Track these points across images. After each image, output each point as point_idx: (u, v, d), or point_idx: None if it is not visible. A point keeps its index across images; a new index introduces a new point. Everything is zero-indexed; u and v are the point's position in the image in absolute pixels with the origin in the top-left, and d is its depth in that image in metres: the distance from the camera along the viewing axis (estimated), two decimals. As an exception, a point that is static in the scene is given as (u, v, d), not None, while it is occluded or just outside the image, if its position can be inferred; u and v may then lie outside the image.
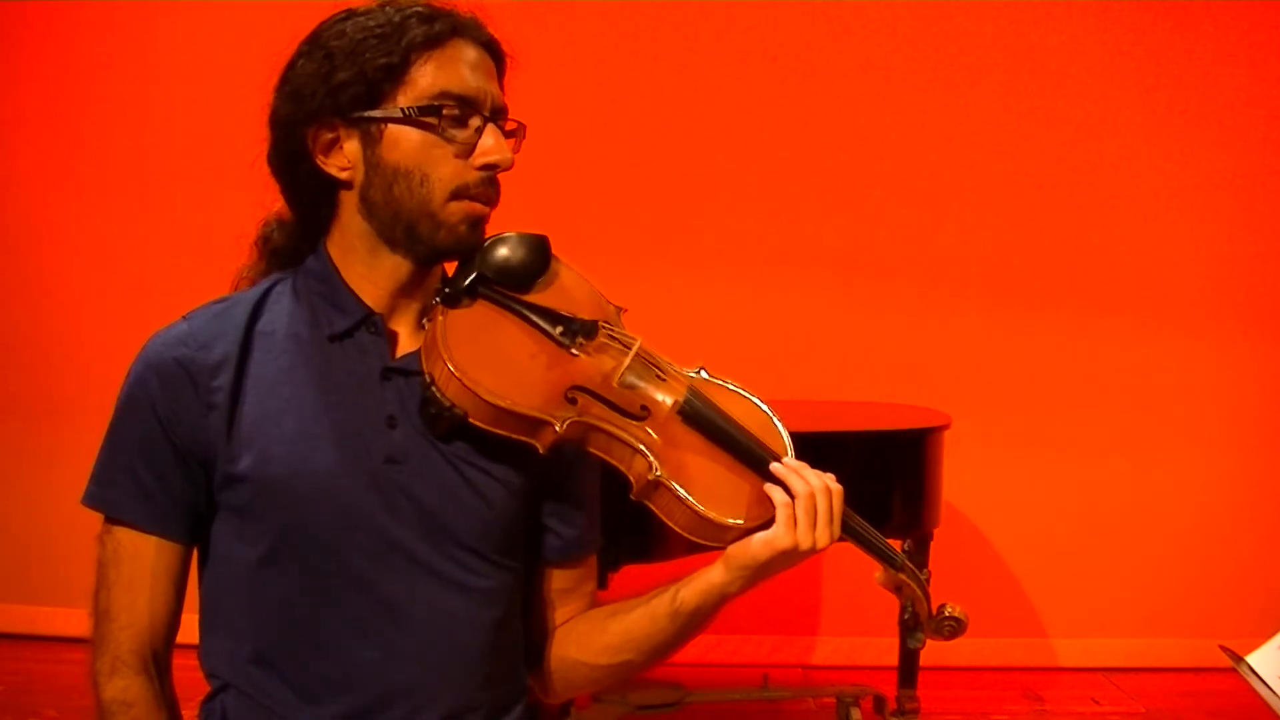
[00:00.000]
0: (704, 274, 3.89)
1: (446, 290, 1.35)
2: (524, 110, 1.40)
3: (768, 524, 1.34)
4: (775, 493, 1.33)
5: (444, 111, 1.33)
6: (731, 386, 1.42)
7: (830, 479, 1.35)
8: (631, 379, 1.37)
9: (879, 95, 3.92)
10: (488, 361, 1.31)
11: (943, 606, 1.48)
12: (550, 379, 1.33)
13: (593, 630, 1.47)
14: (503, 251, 1.37)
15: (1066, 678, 3.91)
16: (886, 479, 3.00)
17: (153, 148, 3.93)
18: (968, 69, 3.92)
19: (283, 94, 1.37)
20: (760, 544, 1.33)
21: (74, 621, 1.36)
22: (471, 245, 1.37)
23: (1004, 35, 3.92)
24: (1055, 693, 3.80)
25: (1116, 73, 3.92)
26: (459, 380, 1.30)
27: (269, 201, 1.47)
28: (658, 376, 1.38)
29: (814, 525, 1.33)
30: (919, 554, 3.15)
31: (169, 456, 1.35)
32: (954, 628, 1.47)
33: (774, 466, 1.35)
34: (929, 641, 1.51)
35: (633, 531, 2.18)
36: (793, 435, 1.39)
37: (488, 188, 1.36)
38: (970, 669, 3.89)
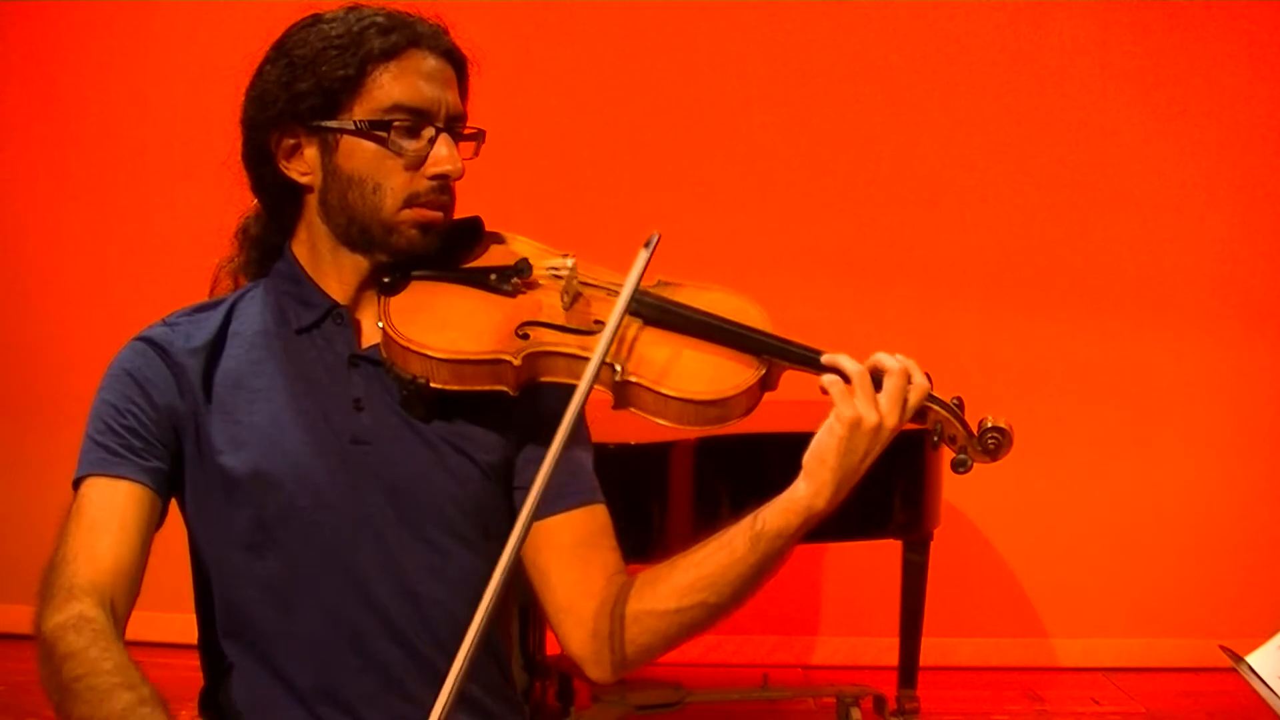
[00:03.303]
0: (702, 274, 3.88)
1: (385, 280, 1.41)
2: (522, 108, 1.42)
3: (758, 385, 1.38)
4: (832, 385, 1.35)
5: (396, 124, 1.37)
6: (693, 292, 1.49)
7: (908, 362, 1.40)
8: (576, 299, 1.41)
9: (879, 95, 3.92)
10: (433, 326, 1.37)
11: (983, 420, 1.43)
12: (497, 322, 1.39)
13: (657, 578, 1.40)
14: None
15: (1066, 678, 3.90)
16: (886, 479, 3.00)
17: (152, 149, 3.92)
18: (968, 69, 3.91)
19: (250, 98, 1.42)
20: (823, 432, 1.33)
21: (74, 622, 1.35)
22: (425, 249, 1.41)
23: (1004, 35, 3.91)
24: (1055, 693, 3.80)
25: (1116, 73, 3.92)
26: (410, 350, 1.35)
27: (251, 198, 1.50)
28: (605, 291, 1.43)
29: (872, 398, 1.35)
30: (919, 551, 3.15)
31: (143, 408, 1.37)
32: (998, 440, 1.40)
33: (824, 358, 1.37)
34: (977, 465, 1.42)
35: (633, 531, 2.18)
36: (794, 436, 1.39)
37: (439, 195, 1.40)
38: (970, 669, 3.89)
